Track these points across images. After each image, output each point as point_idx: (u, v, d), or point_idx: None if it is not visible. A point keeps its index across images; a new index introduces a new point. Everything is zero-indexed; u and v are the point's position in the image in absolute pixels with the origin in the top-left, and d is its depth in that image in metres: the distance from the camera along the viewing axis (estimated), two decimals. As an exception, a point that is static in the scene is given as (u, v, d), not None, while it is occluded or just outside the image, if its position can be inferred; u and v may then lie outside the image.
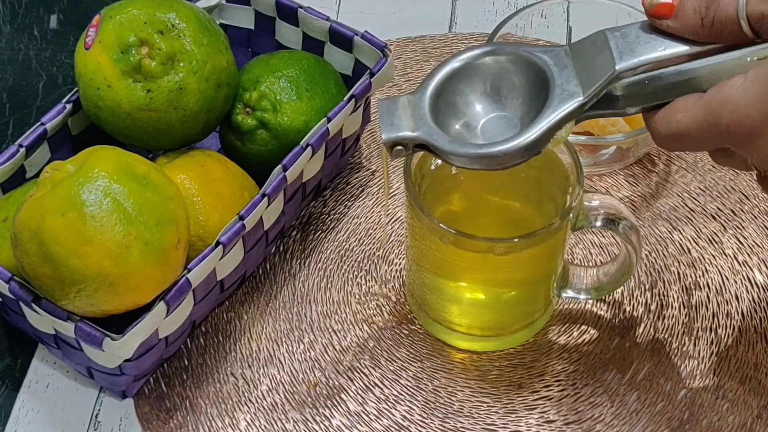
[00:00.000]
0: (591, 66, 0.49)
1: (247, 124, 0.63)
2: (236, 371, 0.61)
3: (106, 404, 0.60)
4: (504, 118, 0.52)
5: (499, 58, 0.52)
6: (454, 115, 0.52)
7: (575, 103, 0.49)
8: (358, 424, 0.59)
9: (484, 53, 0.52)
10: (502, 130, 0.51)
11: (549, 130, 0.49)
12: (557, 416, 0.59)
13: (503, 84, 0.52)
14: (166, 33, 0.59)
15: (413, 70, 0.77)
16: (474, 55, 0.52)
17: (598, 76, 0.48)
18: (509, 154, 0.49)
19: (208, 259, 0.55)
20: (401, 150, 0.51)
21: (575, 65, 0.49)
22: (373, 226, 0.68)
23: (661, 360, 0.61)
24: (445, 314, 0.61)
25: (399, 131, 0.50)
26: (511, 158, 0.49)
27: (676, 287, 0.64)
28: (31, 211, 0.51)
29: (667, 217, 0.68)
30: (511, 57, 0.51)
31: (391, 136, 0.50)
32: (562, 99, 0.49)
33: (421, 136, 0.50)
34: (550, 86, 0.49)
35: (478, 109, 0.52)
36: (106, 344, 0.52)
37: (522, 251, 0.55)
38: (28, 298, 0.54)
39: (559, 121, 0.49)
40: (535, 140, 0.49)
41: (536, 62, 0.50)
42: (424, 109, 0.51)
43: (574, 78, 0.49)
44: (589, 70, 0.49)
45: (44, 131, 0.61)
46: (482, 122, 0.52)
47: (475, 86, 0.52)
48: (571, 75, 0.49)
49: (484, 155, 0.49)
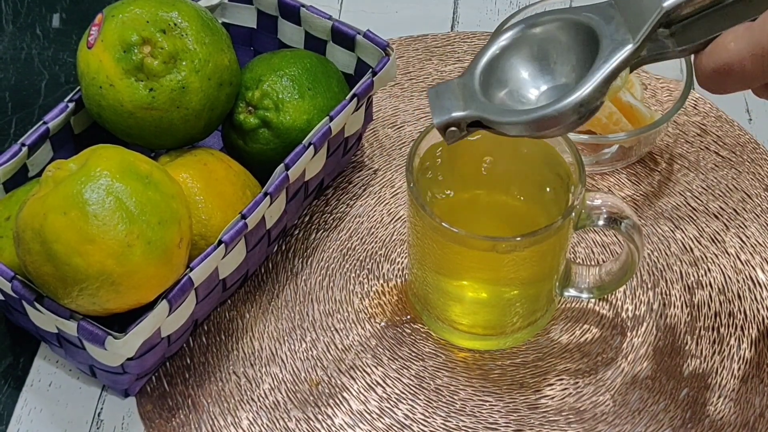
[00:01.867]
0: (637, 10, 0.47)
1: (249, 123, 0.63)
2: (238, 370, 0.61)
3: (109, 403, 0.60)
4: (557, 87, 0.51)
5: (545, 27, 0.51)
6: (507, 91, 0.51)
7: (627, 51, 0.47)
8: (360, 423, 0.59)
9: (528, 25, 0.51)
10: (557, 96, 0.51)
11: (604, 82, 0.47)
12: (559, 416, 0.59)
13: (553, 51, 0.51)
14: (168, 32, 0.59)
15: (415, 69, 0.77)
16: (519, 29, 0.51)
17: (645, 17, 0.47)
18: (565, 112, 0.47)
19: (210, 257, 0.55)
20: (455, 131, 0.50)
21: (622, 14, 0.48)
22: (375, 224, 0.68)
23: (663, 359, 0.61)
24: (447, 313, 0.61)
25: (450, 113, 0.49)
26: (569, 117, 0.48)
27: (679, 286, 0.64)
28: (34, 210, 0.51)
29: (670, 216, 0.68)
30: (556, 23, 0.50)
31: (443, 119, 0.49)
32: (612, 49, 0.47)
33: (471, 113, 0.49)
34: (600, 40, 0.48)
35: (530, 82, 0.51)
36: (108, 343, 0.52)
37: (524, 250, 0.55)
38: (31, 296, 0.54)
39: (613, 71, 0.47)
40: (591, 93, 0.47)
41: (582, 21, 0.49)
42: (473, 87, 0.50)
43: (622, 26, 0.48)
44: (636, 14, 0.47)
45: (46, 130, 0.61)
46: (537, 95, 0.51)
47: (525, 59, 0.51)
48: (620, 24, 0.48)
49: (540, 118, 0.48)
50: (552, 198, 0.59)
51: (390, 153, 0.72)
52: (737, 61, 0.46)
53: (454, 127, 0.50)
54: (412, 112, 0.74)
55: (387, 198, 0.69)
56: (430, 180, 0.58)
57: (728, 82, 0.47)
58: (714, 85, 0.48)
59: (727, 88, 0.48)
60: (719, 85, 0.48)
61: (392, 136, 0.73)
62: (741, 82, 0.47)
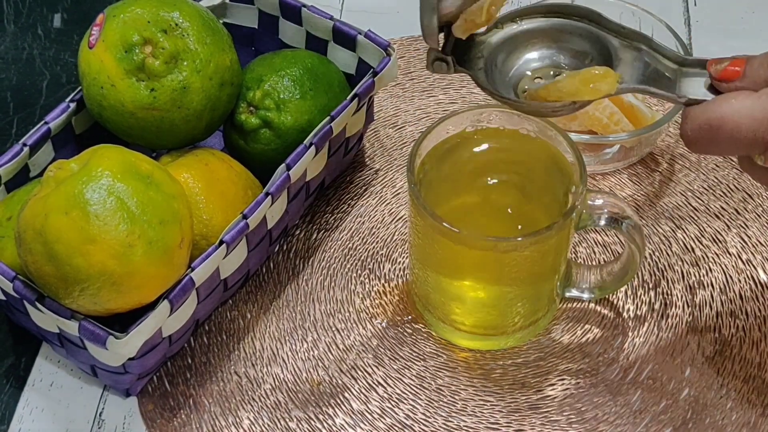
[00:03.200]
0: (650, 72, 0.49)
1: (250, 123, 0.63)
2: (240, 370, 0.61)
3: (110, 402, 0.60)
4: None
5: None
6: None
7: None
8: (361, 423, 0.59)
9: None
10: None
11: None
12: (560, 415, 0.59)
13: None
14: (169, 32, 0.59)
15: (416, 69, 0.77)
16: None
17: (652, 85, 0.49)
18: None
19: (211, 257, 0.55)
20: (442, 65, 0.50)
21: (636, 59, 0.49)
22: (376, 224, 0.68)
23: (665, 359, 0.61)
24: (448, 313, 0.61)
25: None
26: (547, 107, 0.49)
27: (680, 286, 0.64)
28: (35, 210, 0.51)
29: (671, 215, 0.68)
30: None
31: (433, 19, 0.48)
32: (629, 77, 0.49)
33: None
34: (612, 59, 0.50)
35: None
36: (109, 343, 0.52)
37: (525, 250, 0.55)
38: (32, 296, 0.54)
39: None
40: None
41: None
42: None
43: (629, 67, 0.49)
44: (646, 75, 0.49)
45: (48, 130, 0.61)
46: None
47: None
48: (628, 64, 0.49)
49: None
50: (553, 198, 0.59)
51: (391, 153, 0.72)
52: (734, 118, 0.45)
53: (443, 61, 0.50)
54: (413, 112, 0.74)
55: (388, 198, 0.69)
56: (431, 180, 0.58)
57: (717, 137, 0.46)
58: (702, 136, 0.47)
59: (713, 145, 0.47)
60: (707, 139, 0.46)
61: (393, 136, 0.73)
62: (730, 141, 0.46)
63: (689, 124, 0.47)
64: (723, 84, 0.47)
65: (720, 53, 0.49)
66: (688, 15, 0.80)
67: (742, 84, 0.46)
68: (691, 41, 0.78)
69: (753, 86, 0.46)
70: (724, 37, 0.78)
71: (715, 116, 0.46)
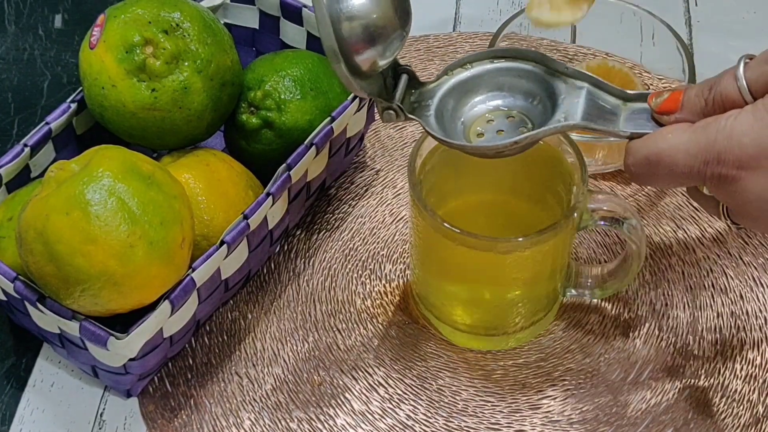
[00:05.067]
0: (601, 110, 0.50)
1: (251, 124, 0.63)
2: (240, 370, 0.61)
3: (111, 403, 0.60)
4: None
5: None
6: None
7: (567, 126, 0.50)
8: (362, 423, 0.59)
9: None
10: None
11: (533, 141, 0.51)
12: (561, 416, 0.59)
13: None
14: (170, 32, 0.59)
15: (417, 69, 0.77)
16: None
17: (595, 122, 0.50)
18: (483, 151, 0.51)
19: (212, 258, 0.55)
20: (392, 114, 0.52)
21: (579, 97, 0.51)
22: (377, 225, 0.68)
23: (666, 359, 0.61)
24: (449, 313, 0.61)
25: None
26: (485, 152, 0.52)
27: (681, 287, 0.64)
28: (36, 211, 0.51)
29: (672, 216, 0.68)
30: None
31: None
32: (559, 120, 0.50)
33: None
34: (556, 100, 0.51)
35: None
36: (110, 343, 0.52)
37: (526, 250, 0.55)
38: (33, 297, 0.54)
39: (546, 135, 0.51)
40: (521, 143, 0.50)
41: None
42: None
43: (581, 107, 0.50)
44: (598, 108, 0.50)
45: (49, 131, 0.61)
46: None
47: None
48: (579, 103, 0.51)
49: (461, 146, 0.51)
50: (554, 198, 0.59)
51: (392, 153, 0.72)
52: (670, 153, 0.47)
53: (392, 110, 0.52)
54: (414, 112, 0.74)
55: (389, 198, 0.69)
56: (432, 180, 0.58)
57: (656, 171, 0.48)
58: (642, 171, 0.48)
59: (653, 178, 0.48)
60: (647, 174, 0.48)
61: (394, 137, 0.73)
62: (669, 175, 0.47)
63: (630, 159, 0.49)
64: (663, 117, 0.48)
65: (721, 53, 0.49)
66: (689, 15, 0.80)
67: (681, 116, 0.48)
68: (691, 41, 0.78)
69: (691, 117, 0.48)
70: (724, 37, 0.78)
71: (652, 152, 0.47)
